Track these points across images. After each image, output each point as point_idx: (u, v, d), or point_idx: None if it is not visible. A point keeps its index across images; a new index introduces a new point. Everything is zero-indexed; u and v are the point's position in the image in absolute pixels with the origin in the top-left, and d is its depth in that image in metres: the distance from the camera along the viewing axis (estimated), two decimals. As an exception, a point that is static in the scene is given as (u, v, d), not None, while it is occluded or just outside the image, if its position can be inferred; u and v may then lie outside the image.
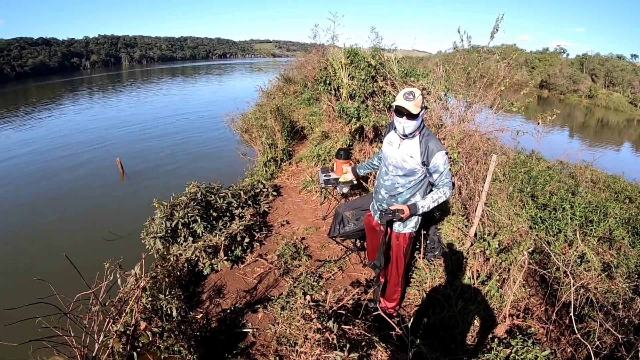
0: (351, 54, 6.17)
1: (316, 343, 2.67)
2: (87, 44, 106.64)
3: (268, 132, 8.40)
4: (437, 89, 4.96)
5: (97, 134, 16.08)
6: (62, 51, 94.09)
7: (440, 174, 2.77)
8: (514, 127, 4.51)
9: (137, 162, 11.85)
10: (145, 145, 14.02)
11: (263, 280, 4.25)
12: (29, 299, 2.12)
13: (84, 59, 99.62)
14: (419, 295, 3.82)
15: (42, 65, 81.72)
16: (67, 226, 7.66)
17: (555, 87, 44.24)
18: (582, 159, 9.85)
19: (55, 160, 12.43)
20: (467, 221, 4.27)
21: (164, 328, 2.90)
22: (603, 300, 3.44)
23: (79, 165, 11.83)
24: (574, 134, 24.01)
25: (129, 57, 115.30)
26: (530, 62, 50.59)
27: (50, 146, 14.20)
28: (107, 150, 13.29)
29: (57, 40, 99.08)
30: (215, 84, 42.90)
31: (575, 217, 5.21)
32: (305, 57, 15.66)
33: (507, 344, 3.10)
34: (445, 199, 2.82)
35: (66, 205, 8.76)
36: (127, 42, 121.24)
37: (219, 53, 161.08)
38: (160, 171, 11.14)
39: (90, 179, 10.61)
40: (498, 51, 4.96)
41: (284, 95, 14.31)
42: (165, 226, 4.56)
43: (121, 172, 10.61)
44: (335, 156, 5.16)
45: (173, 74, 62.29)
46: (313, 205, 6.17)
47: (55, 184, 10.29)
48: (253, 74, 44.15)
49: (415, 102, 2.62)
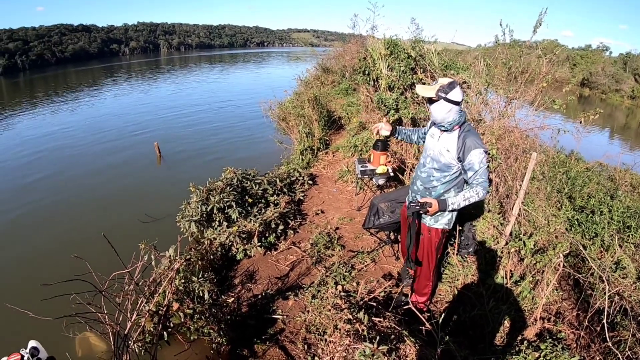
0: (391, 45, 6.13)
1: (346, 333, 2.70)
2: (126, 30, 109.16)
3: (305, 121, 8.42)
4: (477, 83, 4.87)
5: (136, 119, 16.37)
6: (101, 37, 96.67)
7: (475, 172, 2.69)
8: (554, 125, 4.40)
9: (174, 146, 11.99)
10: (182, 130, 14.19)
11: (295, 268, 4.30)
12: (66, 276, 2.16)
13: (122, 46, 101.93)
14: (451, 291, 3.80)
15: (82, 51, 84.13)
16: (104, 208, 7.83)
17: (597, 86, 42.71)
18: (623, 161, 9.51)
19: (94, 144, 12.70)
20: (503, 219, 4.20)
21: (195, 310, 2.98)
22: (638, 309, 3.35)
23: (117, 149, 12.07)
24: (614, 136, 23.16)
25: (167, 44, 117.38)
26: (572, 58, 48.91)
27: (89, 131, 14.52)
28: (145, 135, 13.50)
29: (96, 27, 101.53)
30: (253, 72, 42.88)
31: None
32: (344, 47, 15.63)
33: (536, 347, 3.05)
34: (478, 199, 2.73)
35: (104, 188, 8.95)
36: (165, 29, 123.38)
37: (257, 41, 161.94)
38: (196, 156, 11.24)
39: (129, 162, 10.81)
40: (540, 46, 4.83)
41: (322, 84, 14.26)
42: (200, 210, 4.65)
43: (158, 156, 10.78)
44: (373, 147, 5.13)
45: (211, 61, 62.96)
46: (348, 195, 6.18)
47: (94, 167, 10.51)
48: (291, 63, 44.11)
49: (432, 87, 2.69)
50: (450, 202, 2.76)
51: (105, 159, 11.15)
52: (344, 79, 13.14)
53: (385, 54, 5.97)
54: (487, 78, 4.88)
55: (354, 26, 10.65)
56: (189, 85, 29.91)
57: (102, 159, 11.15)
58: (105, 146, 12.42)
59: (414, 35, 7.35)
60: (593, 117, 4.26)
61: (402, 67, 5.79)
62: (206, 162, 10.61)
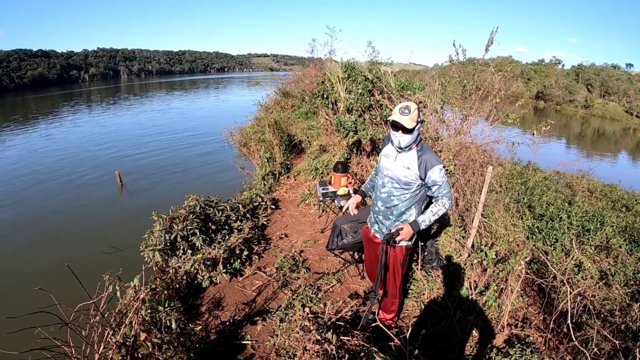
0: (348, 68, 6.25)
1: (315, 354, 2.68)
2: (86, 56, 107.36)
3: (266, 146, 8.44)
4: (434, 102, 5.01)
5: (96, 148, 16.15)
6: (61, 63, 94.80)
7: (439, 187, 2.79)
8: (509, 139, 4.56)
9: (136, 175, 11.92)
10: (144, 158, 14.08)
11: (262, 293, 4.26)
12: (30, 309, 2.13)
13: (82, 72, 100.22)
14: (417, 306, 3.84)
15: (40, 78, 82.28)
16: (66, 240, 7.67)
17: (552, 98, 44.62)
18: (579, 168, 9.94)
19: (54, 173, 12.45)
20: (464, 232, 4.30)
21: (163, 340, 2.91)
22: (600, 307, 3.47)
23: (78, 179, 11.87)
24: (570, 144, 24.14)
25: (127, 71, 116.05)
26: (526, 73, 51.09)
27: (48, 160, 14.24)
28: (106, 164, 13.33)
29: (56, 52, 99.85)
30: (214, 98, 43.20)
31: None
32: (303, 71, 15.86)
33: (505, 353, 3.11)
34: (445, 210, 2.83)
35: (66, 219, 8.77)
36: (125, 56, 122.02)
37: (217, 67, 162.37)
38: (158, 184, 11.19)
39: (90, 193, 10.65)
40: (494, 63, 5.02)
41: (282, 109, 14.46)
42: (164, 239, 4.57)
43: (120, 185, 10.63)
44: (333, 169, 5.20)
45: (171, 88, 62.59)
46: (311, 218, 6.19)
47: (55, 197, 10.31)
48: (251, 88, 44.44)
49: (410, 117, 2.66)
50: (421, 221, 2.85)
51: (66, 189, 10.95)
52: (304, 102, 13.34)
53: (343, 77, 6.10)
54: (442, 97, 5.03)
55: (312, 50, 10.84)
56: (149, 112, 29.75)
57: (63, 189, 10.95)
58: (66, 177, 12.14)
59: (371, 57, 7.52)
60: (545, 128, 4.44)
61: (360, 89, 5.91)
62: (169, 189, 10.58)
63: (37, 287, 2.41)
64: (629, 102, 41.83)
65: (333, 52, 8.21)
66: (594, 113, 40.24)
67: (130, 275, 3.40)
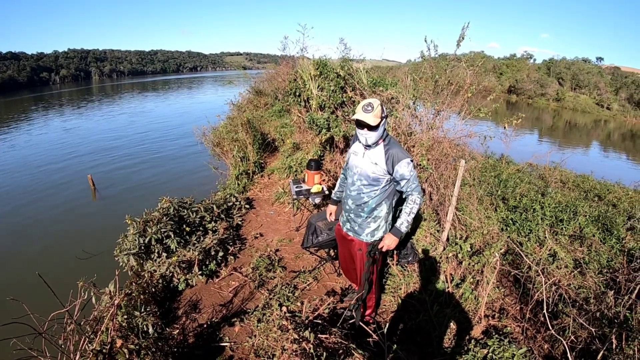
0: (320, 65, 6.24)
1: (293, 353, 2.67)
2: (57, 58, 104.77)
3: (239, 145, 8.37)
4: (406, 98, 5.04)
5: (68, 152, 15.77)
6: (31, 65, 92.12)
7: (407, 181, 2.79)
8: (481, 133, 4.61)
9: (109, 178, 11.70)
10: (116, 162, 13.84)
11: (239, 294, 4.22)
12: (3, 320, 2.10)
13: (53, 74, 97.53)
14: (395, 301, 3.86)
15: (10, 81, 79.79)
16: (39, 246, 7.47)
17: (524, 92, 45.43)
18: (552, 160, 10.13)
19: (25, 179, 12.15)
20: (439, 226, 4.34)
21: (141, 345, 2.86)
22: (575, 296, 3.55)
23: (50, 184, 11.58)
24: (543, 137, 24.61)
25: (99, 72, 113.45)
26: (498, 68, 51.90)
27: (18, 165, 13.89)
28: (78, 168, 13.04)
29: (25, 54, 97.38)
30: (186, 98, 42.66)
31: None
32: (276, 69, 15.74)
33: (483, 344, 3.16)
34: (418, 207, 2.83)
35: (38, 225, 8.55)
36: (97, 56, 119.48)
37: (190, 66, 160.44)
38: (132, 187, 11.02)
39: (62, 197, 10.41)
40: (465, 59, 5.07)
41: (255, 107, 14.36)
42: (138, 242, 4.49)
43: (93, 189, 10.42)
44: (307, 167, 5.19)
45: (144, 88, 61.67)
46: (286, 216, 6.17)
47: (26, 203, 10.03)
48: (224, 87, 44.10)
49: (374, 114, 2.65)
50: (399, 224, 2.86)
51: (38, 195, 10.68)
52: (276, 101, 13.30)
53: (315, 75, 6.10)
54: (414, 92, 5.06)
55: (284, 48, 10.82)
56: (121, 114, 29.09)
57: (34, 195, 10.66)
58: (37, 182, 11.86)
59: (343, 54, 7.54)
60: (516, 121, 4.51)
61: (332, 86, 5.92)
62: (142, 193, 10.43)
63: (9, 298, 2.36)
64: (600, 95, 42.86)
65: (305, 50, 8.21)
66: (566, 106, 41.12)
67: (106, 281, 3.33)
